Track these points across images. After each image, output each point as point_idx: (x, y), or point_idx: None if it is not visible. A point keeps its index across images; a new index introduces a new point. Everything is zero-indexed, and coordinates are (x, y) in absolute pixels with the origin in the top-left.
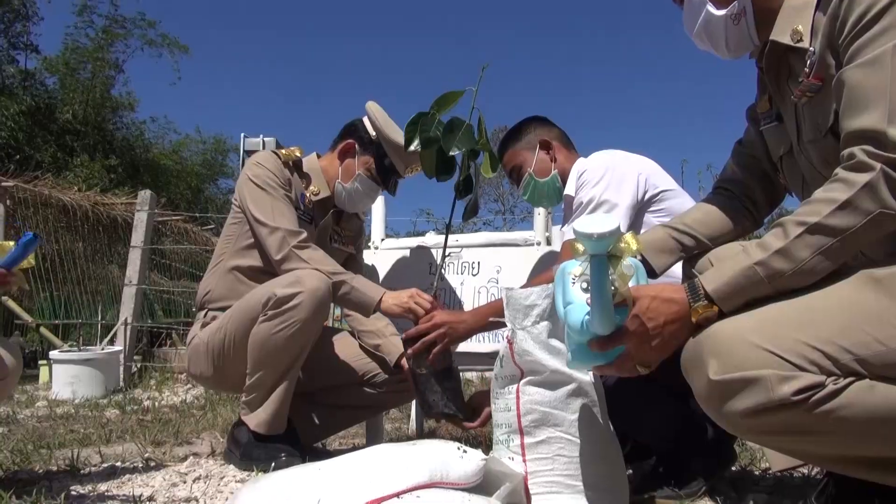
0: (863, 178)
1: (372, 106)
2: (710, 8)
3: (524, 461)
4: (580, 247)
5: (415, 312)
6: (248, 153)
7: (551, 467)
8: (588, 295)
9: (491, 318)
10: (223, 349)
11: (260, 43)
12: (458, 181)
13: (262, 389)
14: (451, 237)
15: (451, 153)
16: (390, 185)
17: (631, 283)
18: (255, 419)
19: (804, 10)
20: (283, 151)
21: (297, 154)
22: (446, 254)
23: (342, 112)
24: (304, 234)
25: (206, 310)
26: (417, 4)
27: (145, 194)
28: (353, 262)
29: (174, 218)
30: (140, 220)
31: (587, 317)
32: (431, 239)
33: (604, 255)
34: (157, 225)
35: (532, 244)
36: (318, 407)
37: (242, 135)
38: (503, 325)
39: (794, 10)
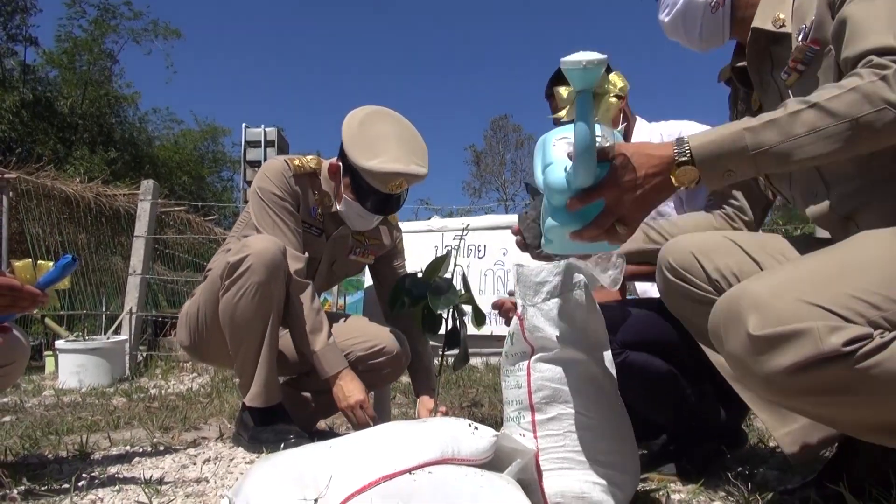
0: (879, 72)
1: (346, 121)
2: None
3: (535, 438)
4: (564, 92)
5: (349, 420)
6: (250, 143)
7: (562, 444)
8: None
9: None
10: (197, 320)
11: (259, 27)
12: (446, 333)
13: (247, 366)
14: (458, 220)
15: (438, 311)
16: (380, 207)
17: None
18: (250, 396)
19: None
20: (297, 162)
21: (312, 165)
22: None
23: (351, 95)
24: (302, 264)
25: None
26: None
27: (148, 184)
28: (381, 267)
29: (177, 208)
30: (143, 210)
31: (568, 171)
32: (437, 223)
33: (590, 90)
34: (160, 215)
35: None
36: (308, 394)
37: (244, 124)
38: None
39: (773, 1)
